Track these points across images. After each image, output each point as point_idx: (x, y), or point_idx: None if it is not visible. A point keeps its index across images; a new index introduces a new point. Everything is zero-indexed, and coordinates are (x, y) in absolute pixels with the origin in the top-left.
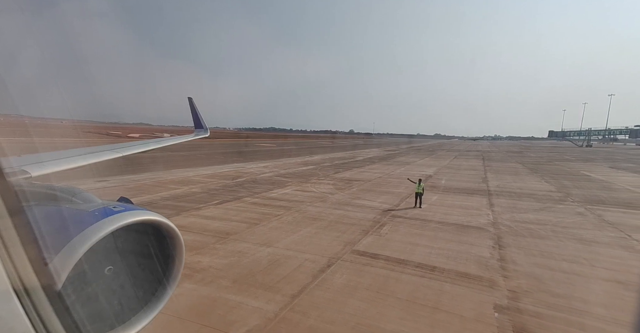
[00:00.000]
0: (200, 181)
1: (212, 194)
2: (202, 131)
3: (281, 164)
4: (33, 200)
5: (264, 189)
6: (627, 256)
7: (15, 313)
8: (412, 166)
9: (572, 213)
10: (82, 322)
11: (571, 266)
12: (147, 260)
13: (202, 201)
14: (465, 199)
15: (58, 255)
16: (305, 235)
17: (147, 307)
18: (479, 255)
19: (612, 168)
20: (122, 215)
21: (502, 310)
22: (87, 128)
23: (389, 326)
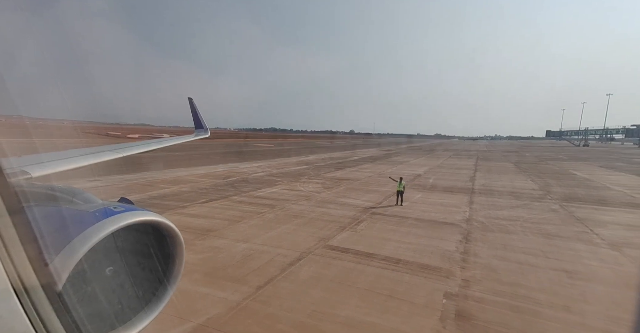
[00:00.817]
0: (192, 181)
1: (201, 194)
2: (203, 132)
3: (275, 164)
4: (33, 201)
5: (252, 188)
6: (582, 248)
7: (15, 313)
8: (405, 166)
9: (546, 210)
10: (83, 322)
11: (527, 258)
12: (148, 260)
13: (189, 200)
14: (448, 197)
15: (59, 256)
16: (283, 232)
17: (148, 306)
18: (444, 249)
19: (601, 167)
20: (122, 216)
21: (451, 296)
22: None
23: (343, 312)
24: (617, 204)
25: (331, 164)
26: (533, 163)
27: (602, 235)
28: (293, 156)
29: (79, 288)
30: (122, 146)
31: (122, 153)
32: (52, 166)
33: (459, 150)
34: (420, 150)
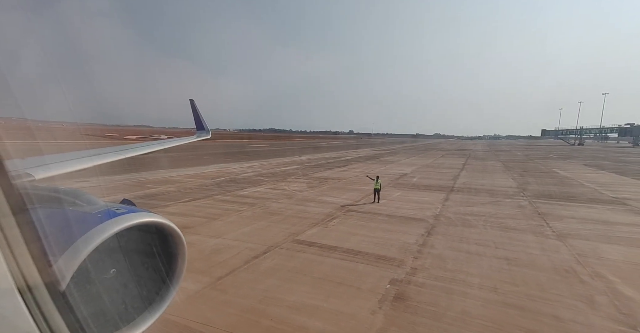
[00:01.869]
0: (179, 181)
1: (185, 193)
2: (204, 133)
3: (267, 164)
4: (37, 203)
5: (237, 187)
6: (531, 239)
7: (19, 313)
8: (395, 165)
9: (514, 206)
10: (87, 322)
11: (478, 248)
12: (150, 261)
13: (172, 199)
14: (426, 195)
15: (63, 256)
16: (256, 228)
17: (152, 307)
18: (405, 242)
19: (586, 166)
20: (125, 217)
21: (396, 282)
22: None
23: (292, 298)
24: (583, 200)
25: (322, 164)
26: (521, 162)
27: (555, 227)
28: (286, 157)
29: (83, 289)
30: (125, 148)
31: (124, 154)
32: (55, 168)
33: (453, 150)
34: (414, 150)
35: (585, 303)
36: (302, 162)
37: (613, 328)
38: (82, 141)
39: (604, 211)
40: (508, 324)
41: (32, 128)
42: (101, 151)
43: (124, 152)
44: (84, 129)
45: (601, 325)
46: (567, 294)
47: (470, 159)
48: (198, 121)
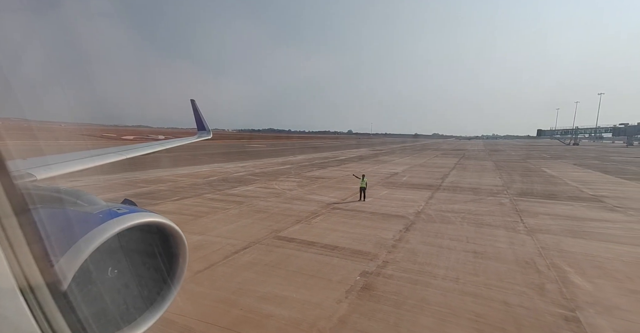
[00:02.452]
0: (172, 180)
1: (176, 192)
2: (205, 133)
3: (261, 164)
4: (39, 203)
5: (228, 187)
6: (502, 234)
7: (21, 313)
8: (388, 164)
9: (495, 204)
10: (88, 322)
11: (450, 243)
12: (152, 261)
13: (162, 198)
14: (412, 193)
15: (64, 256)
16: (241, 225)
17: (153, 306)
18: (382, 237)
19: (575, 165)
20: (126, 217)
21: (366, 274)
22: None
23: (264, 289)
24: (562, 198)
25: (316, 163)
26: (513, 162)
27: (528, 223)
28: (282, 157)
29: (84, 289)
30: (127, 148)
31: (126, 154)
32: (57, 168)
33: (449, 150)
34: (410, 150)
35: (535, 291)
36: (296, 162)
37: (553, 311)
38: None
39: (578, 208)
40: (460, 309)
41: (29, 127)
42: (103, 152)
43: (126, 152)
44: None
45: (543, 309)
46: (521, 283)
47: (464, 158)
48: (199, 121)
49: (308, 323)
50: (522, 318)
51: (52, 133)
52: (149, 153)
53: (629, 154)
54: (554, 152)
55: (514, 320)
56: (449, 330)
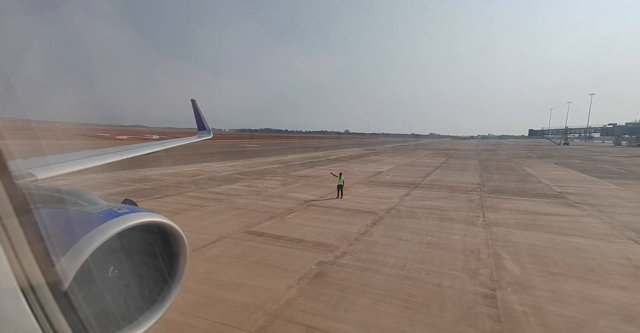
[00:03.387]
0: (157, 179)
1: (159, 191)
2: (205, 133)
3: (250, 163)
4: (40, 203)
5: (213, 185)
6: (461, 227)
7: (22, 313)
8: (375, 164)
9: (465, 200)
10: (89, 321)
11: (409, 235)
12: (152, 261)
13: (143, 196)
14: (389, 191)
15: (65, 256)
16: (216, 221)
17: (153, 306)
18: (348, 231)
19: (556, 164)
20: (126, 217)
21: (322, 264)
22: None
23: (223, 278)
24: (529, 195)
25: (305, 163)
26: (498, 161)
27: (488, 218)
28: (273, 156)
29: (85, 289)
30: (127, 148)
31: (126, 154)
32: (57, 168)
33: (441, 149)
34: (401, 149)
35: (468, 275)
36: (286, 161)
37: (477, 290)
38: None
39: (540, 204)
40: (397, 291)
41: (22, 127)
42: (103, 151)
43: (126, 152)
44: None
45: (469, 289)
46: (459, 268)
47: (452, 158)
48: (199, 121)
49: (256, 306)
50: (447, 297)
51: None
52: (148, 152)
53: (613, 154)
54: (542, 152)
55: (440, 298)
56: (381, 308)
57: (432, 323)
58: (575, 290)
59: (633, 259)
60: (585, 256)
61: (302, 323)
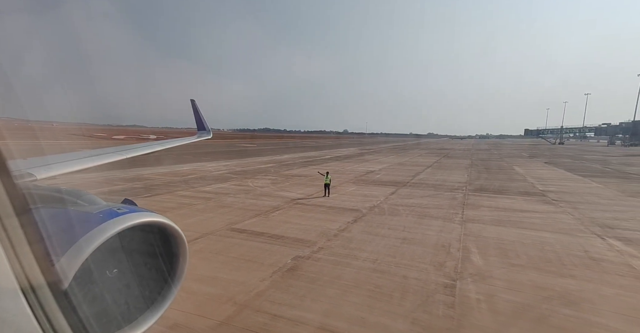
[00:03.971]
0: (149, 179)
1: (150, 189)
2: (205, 133)
3: (244, 163)
4: (39, 203)
5: (204, 184)
6: (438, 224)
7: (23, 313)
8: (368, 163)
9: (448, 198)
10: (89, 321)
11: (387, 231)
12: (152, 260)
13: (133, 195)
14: (377, 189)
15: (64, 256)
16: (201, 219)
17: (154, 306)
18: (328, 228)
19: (545, 163)
20: (126, 217)
21: (297, 258)
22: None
23: (200, 272)
24: (511, 193)
25: (299, 162)
26: (490, 160)
27: (467, 215)
28: (268, 155)
29: (85, 288)
30: (127, 148)
31: (125, 154)
32: (57, 168)
33: (435, 149)
34: (397, 149)
35: (434, 267)
36: (281, 161)
37: (439, 281)
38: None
39: (519, 202)
40: (364, 283)
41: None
42: (103, 151)
43: (126, 152)
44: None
45: (432, 280)
46: (428, 262)
47: (445, 157)
48: (199, 121)
49: (227, 297)
50: (411, 287)
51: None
52: (148, 152)
53: (604, 153)
54: (534, 151)
55: (403, 289)
56: (346, 298)
57: (390, 310)
58: (529, 279)
59: (590, 251)
60: (548, 249)
61: (269, 313)
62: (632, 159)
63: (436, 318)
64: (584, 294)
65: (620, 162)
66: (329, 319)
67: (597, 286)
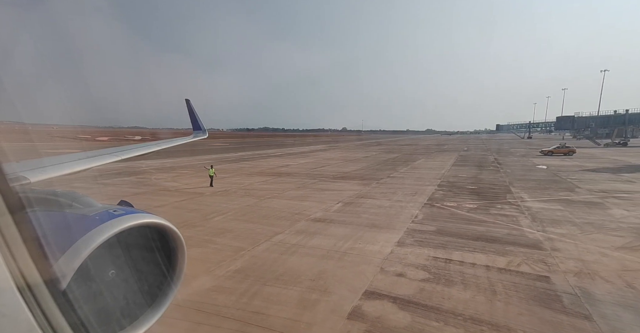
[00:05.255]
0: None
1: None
2: (201, 133)
3: (186, 159)
4: (35, 206)
5: (110, 178)
6: (279, 203)
7: (22, 318)
8: (302, 159)
9: (299, 184)
10: (90, 322)
11: (207, 206)
12: (150, 261)
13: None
14: (257, 179)
15: (62, 259)
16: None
17: (153, 306)
18: (172, 201)
19: (460, 155)
20: (123, 218)
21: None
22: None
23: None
24: (358, 179)
25: (244, 158)
26: (415, 154)
27: (297, 194)
28: (227, 153)
29: (83, 291)
30: (121, 149)
31: (120, 155)
32: (51, 171)
33: (405, 145)
34: (365, 145)
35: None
36: (228, 158)
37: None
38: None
39: (351, 185)
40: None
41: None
42: (97, 153)
43: (120, 153)
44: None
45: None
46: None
47: (384, 152)
48: (194, 120)
49: None
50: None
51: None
52: (143, 153)
53: (535, 145)
54: (496, 145)
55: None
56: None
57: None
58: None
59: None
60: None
61: None
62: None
63: None
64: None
65: (513, 148)
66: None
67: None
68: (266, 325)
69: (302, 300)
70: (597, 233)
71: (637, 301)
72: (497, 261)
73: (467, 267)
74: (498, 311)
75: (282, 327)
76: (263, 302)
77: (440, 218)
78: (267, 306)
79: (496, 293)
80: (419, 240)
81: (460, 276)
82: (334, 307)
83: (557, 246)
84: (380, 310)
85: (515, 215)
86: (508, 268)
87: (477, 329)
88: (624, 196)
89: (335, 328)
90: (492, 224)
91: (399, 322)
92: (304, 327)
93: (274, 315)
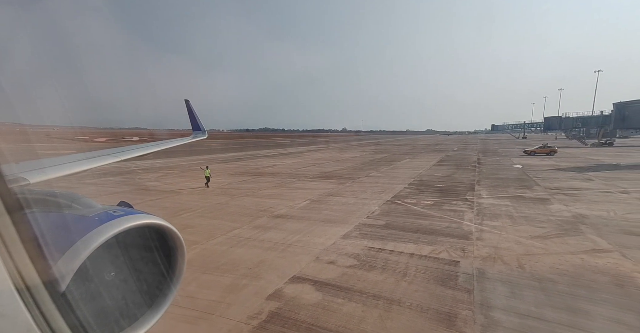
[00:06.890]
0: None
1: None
2: (200, 133)
3: (178, 160)
4: (34, 207)
5: (98, 178)
6: (250, 199)
7: (21, 319)
8: (290, 159)
9: (278, 183)
10: (89, 324)
11: (199, 198)
12: (150, 262)
13: None
14: (245, 179)
15: (61, 260)
16: None
17: (153, 307)
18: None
19: (447, 156)
20: (122, 219)
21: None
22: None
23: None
24: (335, 178)
25: (236, 159)
26: (400, 153)
27: (274, 193)
28: (219, 154)
29: (83, 292)
30: (121, 150)
31: (120, 156)
32: (50, 172)
33: (397, 145)
34: (356, 146)
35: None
36: (220, 158)
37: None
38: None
39: (329, 184)
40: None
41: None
42: (97, 154)
43: (120, 154)
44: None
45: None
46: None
47: (374, 153)
48: (194, 121)
49: None
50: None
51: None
52: (143, 154)
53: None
54: (491, 145)
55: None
56: None
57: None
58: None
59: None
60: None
61: None
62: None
63: None
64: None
65: (501, 148)
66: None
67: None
68: (192, 307)
69: (232, 285)
70: (525, 225)
71: (517, 278)
72: (423, 249)
73: (394, 255)
74: (399, 289)
75: (205, 307)
76: (197, 287)
77: (394, 214)
78: (198, 291)
79: (406, 275)
80: (365, 233)
81: (384, 263)
82: (259, 290)
83: (482, 237)
84: (299, 291)
85: (464, 210)
86: (429, 256)
87: (374, 303)
88: (573, 192)
89: (252, 307)
90: (438, 218)
91: (310, 300)
92: (224, 307)
93: (201, 298)
